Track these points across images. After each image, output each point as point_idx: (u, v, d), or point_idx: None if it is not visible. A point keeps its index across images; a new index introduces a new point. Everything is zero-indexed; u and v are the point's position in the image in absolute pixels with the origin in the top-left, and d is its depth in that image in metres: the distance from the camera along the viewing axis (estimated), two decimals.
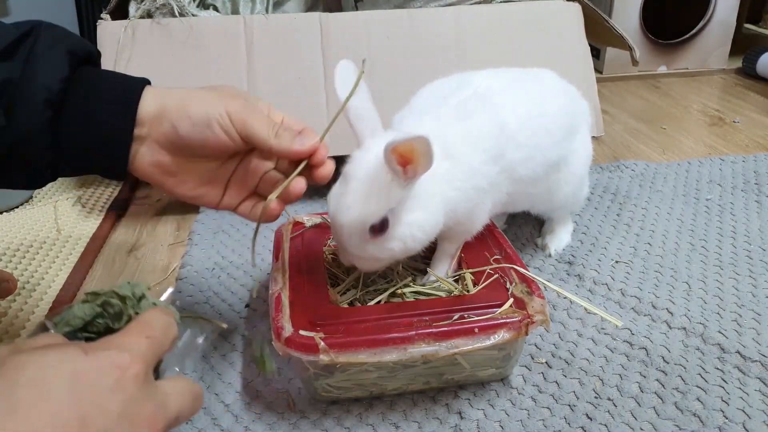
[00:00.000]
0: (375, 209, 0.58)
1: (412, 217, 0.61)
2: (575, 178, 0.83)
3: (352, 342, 0.55)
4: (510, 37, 1.12)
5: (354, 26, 1.07)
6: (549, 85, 0.80)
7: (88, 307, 0.55)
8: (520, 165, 0.70)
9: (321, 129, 0.62)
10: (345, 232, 0.60)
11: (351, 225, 0.59)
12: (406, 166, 0.57)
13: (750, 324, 0.74)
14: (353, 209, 0.58)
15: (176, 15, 1.04)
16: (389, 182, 0.58)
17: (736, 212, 1.01)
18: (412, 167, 0.57)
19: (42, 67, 0.52)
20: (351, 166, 0.61)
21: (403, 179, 0.58)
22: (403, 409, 0.62)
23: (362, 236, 0.60)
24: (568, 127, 0.78)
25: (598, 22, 1.19)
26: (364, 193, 0.59)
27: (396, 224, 0.60)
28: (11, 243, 0.95)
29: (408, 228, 0.61)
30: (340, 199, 0.59)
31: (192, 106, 0.55)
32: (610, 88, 1.69)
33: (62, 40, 0.54)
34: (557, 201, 0.84)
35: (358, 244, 0.60)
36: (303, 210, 1.03)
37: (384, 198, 0.58)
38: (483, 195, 0.68)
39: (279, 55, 1.04)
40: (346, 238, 0.60)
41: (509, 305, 0.60)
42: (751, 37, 2.05)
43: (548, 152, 0.74)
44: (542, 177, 0.75)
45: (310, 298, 0.62)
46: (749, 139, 1.35)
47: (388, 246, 0.61)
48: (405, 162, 0.57)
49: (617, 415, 0.61)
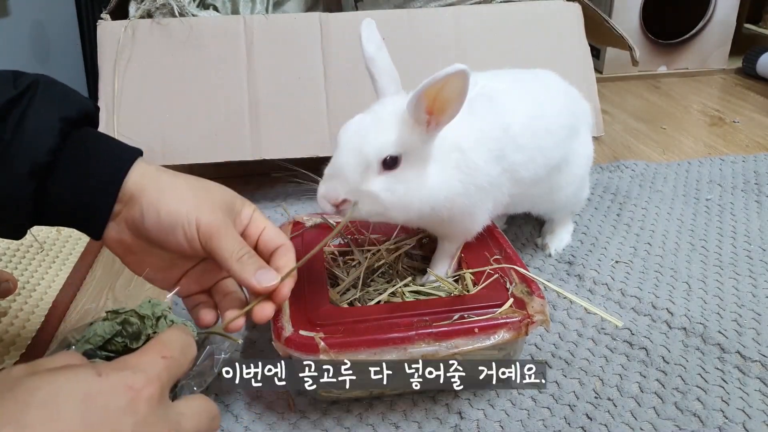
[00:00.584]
0: (394, 141, 0.59)
1: (423, 176, 0.62)
2: (576, 179, 0.83)
3: (352, 342, 0.55)
4: (510, 37, 1.12)
5: (354, 26, 1.05)
6: (550, 86, 0.80)
7: (108, 325, 0.57)
8: (522, 167, 0.71)
9: (321, 128, 0.62)
10: (356, 157, 0.59)
11: (366, 150, 0.58)
12: (431, 115, 0.58)
13: (750, 324, 0.74)
14: (373, 135, 0.59)
15: (176, 15, 1.04)
16: (412, 126, 0.59)
17: (736, 212, 1.01)
18: (436, 117, 0.58)
19: (31, 135, 0.50)
20: (375, 107, 0.62)
21: (425, 130, 0.59)
22: (403, 409, 0.62)
23: (371, 167, 0.59)
24: (570, 127, 0.78)
25: (598, 22, 1.19)
26: (386, 126, 0.60)
27: (406, 169, 0.60)
28: (11, 243, 0.95)
29: (415, 180, 0.61)
30: (361, 125, 0.60)
31: (165, 203, 0.53)
32: (610, 88, 1.69)
33: (58, 104, 0.53)
34: (558, 202, 0.84)
35: (363, 174, 0.59)
36: (303, 210, 1.03)
37: (404, 136, 0.59)
38: (483, 195, 0.68)
39: (279, 55, 1.04)
40: (353, 164, 0.59)
41: (509, 305, 0.60)
42: (751, 37, 2.04)
43: (550, 153, 0.74)
44: (544, 178, 0.75)
45: (310, 298, 0.62)
46: (749, 139, 1.35)
47: (392, 186, 0.60)
48: (432, 108, 0.58)
49: (617, 415, 0.61)
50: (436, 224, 0.69)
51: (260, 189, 1.12)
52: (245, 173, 1.17)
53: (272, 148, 1.01)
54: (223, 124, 1.01)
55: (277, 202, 1.06)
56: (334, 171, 0.60)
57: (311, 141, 1.02)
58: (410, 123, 0.59)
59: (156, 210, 0.53)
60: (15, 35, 1.10)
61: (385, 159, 0.59)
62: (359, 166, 0.59)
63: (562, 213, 0.91)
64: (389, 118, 0.60)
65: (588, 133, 0.86)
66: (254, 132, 1.01)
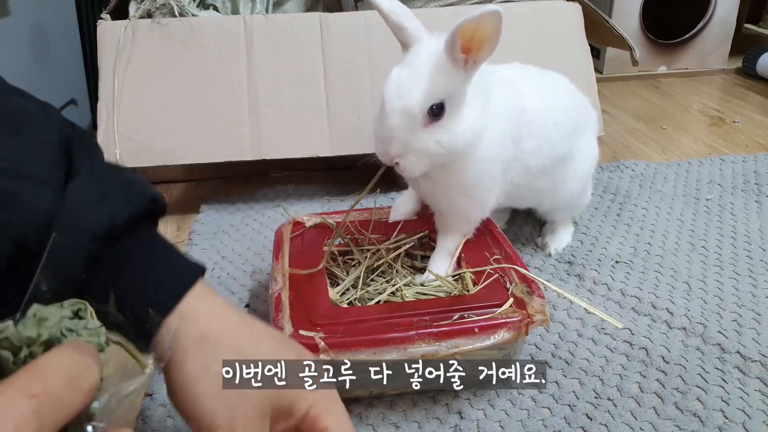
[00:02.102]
0: (436, 91, 0.60)
1: (468, 114, 0.63)
2: (580, 177, 0.85)
3: (351, 342, 0.55)
4: (510, 37, 1.11)
5: (354, 26, 1.07)
6: (560, 82, 0.84)
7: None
8: (531, 155, 0.73)
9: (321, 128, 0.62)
10: (401, 116, 0.60)
11: (410, 107, 0.60)
12: (469, 54, 0.59)
13: (750, 324, 0.74)
14: (414, 90, 0.60)
15: (176, 15, 1.04)
16: (450, 68, 0.60)
17: (736, 212, 1.01)
18: (473, 55, 0.60)
19: None
20: (410, 56, 0.62)
21: (463, 68, 0.61)
22: (403, 409, 0.62)
23: (418, 121, 0.60)
24: (575, 124, 0.81)
25: (598, 22, 1.19)
26: (425, 76, 0.60)
27: (451, 115, 0.62)
28: None
29: (461, 122, 0.62)
30: (400, 81, 0.61)
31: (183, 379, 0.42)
32: (610, 88, 1.69)
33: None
34: (562, 199, 0.85)
35: (411, 130, 0.61)
36: (303, 210, 1.03)
37: (444, 81, 0.60)
38: (492, 172, 0.70)
39: (279, 55, 1.04)
40: (400, 124, 0.60)
41: (509, 305, 0.60)
42: (751, 37, 2.04)
43: (556, 145, 0.76)
44: (549, 169, 0.77)
45: (310, 297, 0.62)
46: (749, 139, 1.35)
47: (440, 137, 0.61)
48: (468, 48, 0.59)
49: (617, 415, 0.61)
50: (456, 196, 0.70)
51: (260, 189, 1.12)
52: (245, 173, 1.17)
53: (272, 148, 1.01)
54: (222, 124, 1.01)
55: (277, 202, 1.06)
56: (384, 133, 0.62)
57: (311, 141, 1.02)
58: (448, 66, 0.60)
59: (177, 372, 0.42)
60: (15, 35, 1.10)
61: (430, 109, 0.60)
62: (406, 124, 0.60)
63: (564, 213, 0.91)
64: (426, 66, 0.60)
65: (594, 136, 0.87)
66: (254, 132, 1.01)
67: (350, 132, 1.03)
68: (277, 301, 0.61)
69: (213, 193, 1.12)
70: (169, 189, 1.15)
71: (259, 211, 1.04)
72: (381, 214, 0.79)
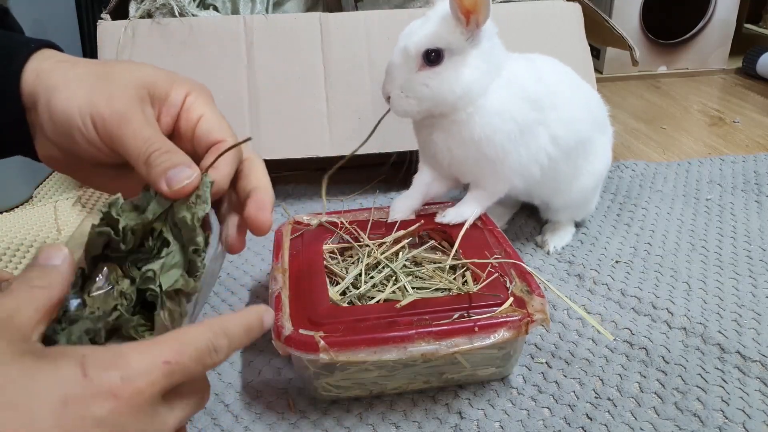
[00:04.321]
0: (434, 38, 0.68)
1: (462, 70, 0.69)
2: (594, 175, 0.86)
3: (351, 341, 0.55)
4: (510, 37, 1.11)
5: (354, 26, 1.07)
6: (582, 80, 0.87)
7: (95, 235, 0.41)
8: (557, 124, 0.76)
9: (321, 128, 0.62)
10: (400, 54, 0.69)
11: (410, 45, 0.68)
12: (470, 16, 0.67)
13: (750, 324, 0.74)
14: (416, 34, 0.68)
15: (176, 15, 1.04)
16: (453, 24, 0.68)
17: (736, 212, 1.01)
18: (474, 17, 0.67)
19: None
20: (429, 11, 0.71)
21: (466, 30, 0.68)
22: (403, 409, 0.62)
23: (414, 62, 0.69)
24: (596, 115, 0.85)
25: (598, 22, 1.19)
26: (429, 25, 0.69)
27: (447, 66, 0.69)
28: (11, 243, 0.95)
29: (453, 73, 0.69)
30: (411, 26, 0.70)
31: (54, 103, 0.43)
32: (610, 88, 1.69)
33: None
34: (575, 193, 0.87)
35: (407, 68, 0.69)
36: (303, 210, 1.03)
37: (444, 32, 0.68)
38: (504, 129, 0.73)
39: (279, 55, 1.04)
40: (399, 62, 0.70)
41: (509, 304, 0.60)
42: (751, 37, 2.04)
43: (581, 123, 0.80)
44: (574, 153, 0.80)
45: (310, 297, 0.62)
46: (749, 139, 1.35)
47: (429, 81, 0.69)
48: (467, 11, 0.66)
49: (617, 415, 0.61)
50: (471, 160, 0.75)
51: None
52: None
53: (272, 148, 1.01)
54: None
55: (277, 202, 1.06)
56: (387, 69, 0.71)
57: (311, 141, 1.02)
58: (452, 21, 0.68)
59: (48, 114, 0.43)
60: None
61: (426, 53, 0.68)
62: (403, 63, 0.69)
63: (571, 212, 0.92)
64: (434, 18, 0.69)
65: (609, 142, 0.90)
66: (254, 132, 1.01)
67: (350, 132, 1.03)
68: (277, 301, 0.61)
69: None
70: None
71: None
72: (380, 214, 0.79)
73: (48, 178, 1.17)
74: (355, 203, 1.06)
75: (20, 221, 1.02)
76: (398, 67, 0.70)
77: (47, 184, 1.14)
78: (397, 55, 0.70)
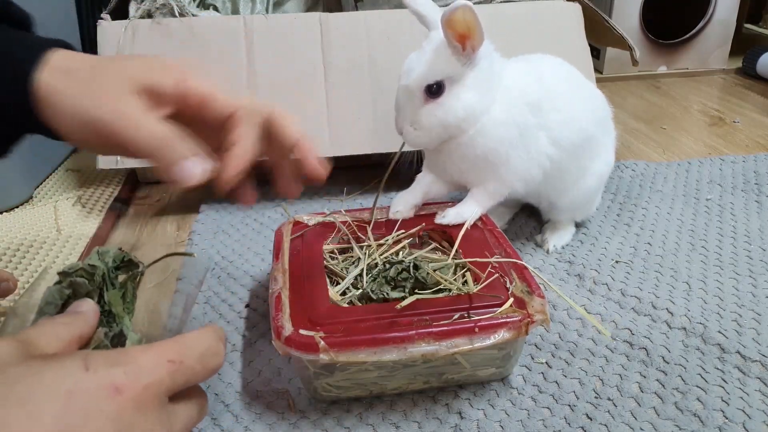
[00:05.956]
0: (433, 72, 0.69)
1: (464, 95, 0.70)
2: (597, 176, 0.87)
3: (351, 341, 0.55)
4: (510, 37, 1.11)
5: (354, 26, 1.07)
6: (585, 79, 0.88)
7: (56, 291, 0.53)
8: (558, 126, 0.76)
9: (321, 128, 0.62)
10: (405, 91, 0.71)
11: (411, 84, 0.70)
12: (465, 42, 0.67)
13: (750, 324, 0.74)
14: (415, 71, 0.69)
15: (176, 15, 1.04)
16: (450, 54, 0.68)
17: (736, 212, 1.01)
18: (470, 42, 0.67)
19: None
20: (426, 41, 0.71)
21: (463, 56, 0.69)
22: (403, 409, 0.62)
23: (419, 97, 0.70)
24: (600, 116, 0.85)
25: (598, 22, 1.19)
26: (426, 59, 0.69)
27: (449, 95, 0.70)
28: (11, 243, 0.95)
29: (456, 100, 0.70)
30: (409, 62, 0.71)
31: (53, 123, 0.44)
32: (610, 88, 1.69)
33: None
34: (579, 193, 0.86)
35: (413, 104, 0.71)
36: (303, 210, 1.03)
37: (443, 64, 0.69)
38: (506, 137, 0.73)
39: (279, 55, 1.04)
40: (404, 99, 0.71)
41: (509, 305, 0.60)
42: (751, 37, 2.05)
43: (583, 122, 0.79)
44: (579, 151, 0.80)
45: (310, 297, 0.62)
46: (749, 139, 1.35)
47: (435, 112, 0.70)
48: (461, 37, 0.66)
49: (617, 415, 0.61)
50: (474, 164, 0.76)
51: (260, 189, 1.11)
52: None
53: None
54: None
55: (277, 202, 1.06)
56: (395, 106, 0.73)
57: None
58: (447, 51, 0.68)
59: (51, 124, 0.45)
60: None
61: (427, 88, 0.69)
62: (408, 100, 0.71)
63: (573, 213, 0.92)
64: (429, 50, 0.70)
65: (613, 145, 0.90)
66: None
67: (350, 132, 1.03)
68: (277, 301, 0.61)
69: (213, 193, 1.12)
70: (169, 189, 1.15)
71: (259, 211, 1.04)
72: (380, 213, 0.79)
73: (48, 178, 1.17)
74: (356, 203, 1.06)
75: (20, 221, 1.02)
76: (404, 104, 0.72)
77: (47, 184, 1.14)
78: (401, 94, 0.71)
